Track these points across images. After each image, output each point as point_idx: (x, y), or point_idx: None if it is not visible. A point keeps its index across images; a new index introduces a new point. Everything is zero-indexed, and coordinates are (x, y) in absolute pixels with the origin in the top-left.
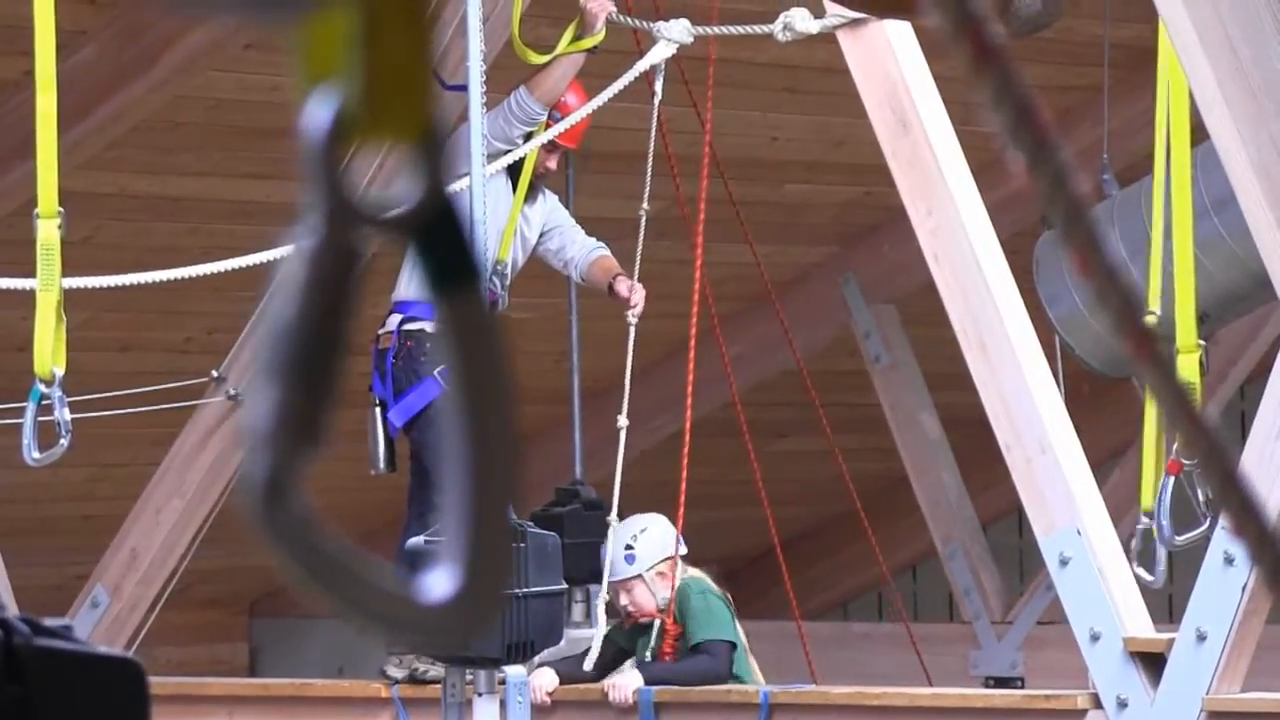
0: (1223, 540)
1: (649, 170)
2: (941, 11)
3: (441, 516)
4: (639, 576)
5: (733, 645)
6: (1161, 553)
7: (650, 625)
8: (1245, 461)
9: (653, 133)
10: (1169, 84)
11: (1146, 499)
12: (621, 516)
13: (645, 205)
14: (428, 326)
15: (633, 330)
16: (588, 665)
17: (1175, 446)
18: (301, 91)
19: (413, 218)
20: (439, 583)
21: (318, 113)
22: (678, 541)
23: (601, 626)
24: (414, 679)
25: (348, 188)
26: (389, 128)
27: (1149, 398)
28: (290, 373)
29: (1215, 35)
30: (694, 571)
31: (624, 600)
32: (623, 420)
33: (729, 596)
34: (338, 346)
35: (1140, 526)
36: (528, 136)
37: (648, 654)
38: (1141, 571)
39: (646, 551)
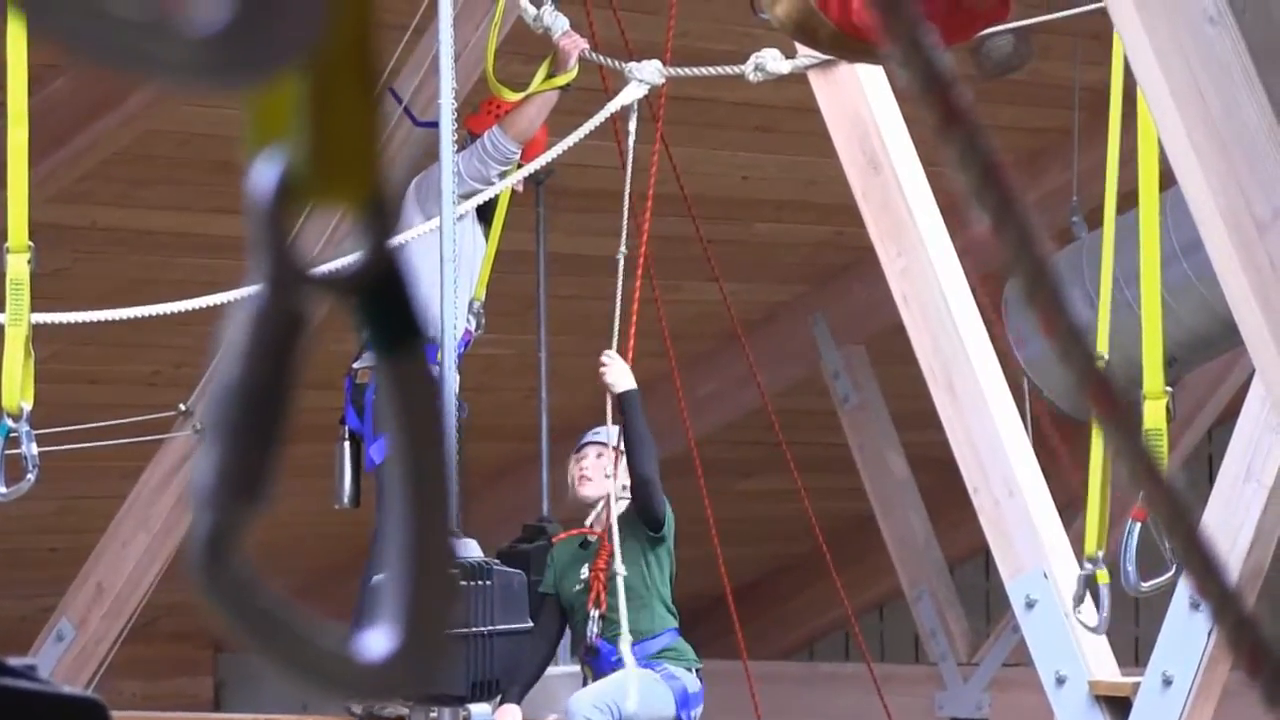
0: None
1: (625, 211)
2: (909, 72)
3: (382, 575)
4: (618, 447)
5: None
6: (1105, 599)
7: (589, 546)
8: (1212, 505)
9: (628, 172)
10: (1117, 127)
11: (1090, 545)
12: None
13: (623, 249)
14: None
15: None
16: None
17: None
18: (249, 153)
19: (358, 280)
20: (378, 640)
21: (264, 175)
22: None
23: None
24: (372, 715)
25: (293, 250)
26: (336, 190)
27: (1096, 444)
28: (234, 433)
29: (1185, 85)
30: None
31: (592, 464)
32: None
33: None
34: (282, 407)
35: (1082, 573)
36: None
37: (584, 571)
38: (1083, 616)
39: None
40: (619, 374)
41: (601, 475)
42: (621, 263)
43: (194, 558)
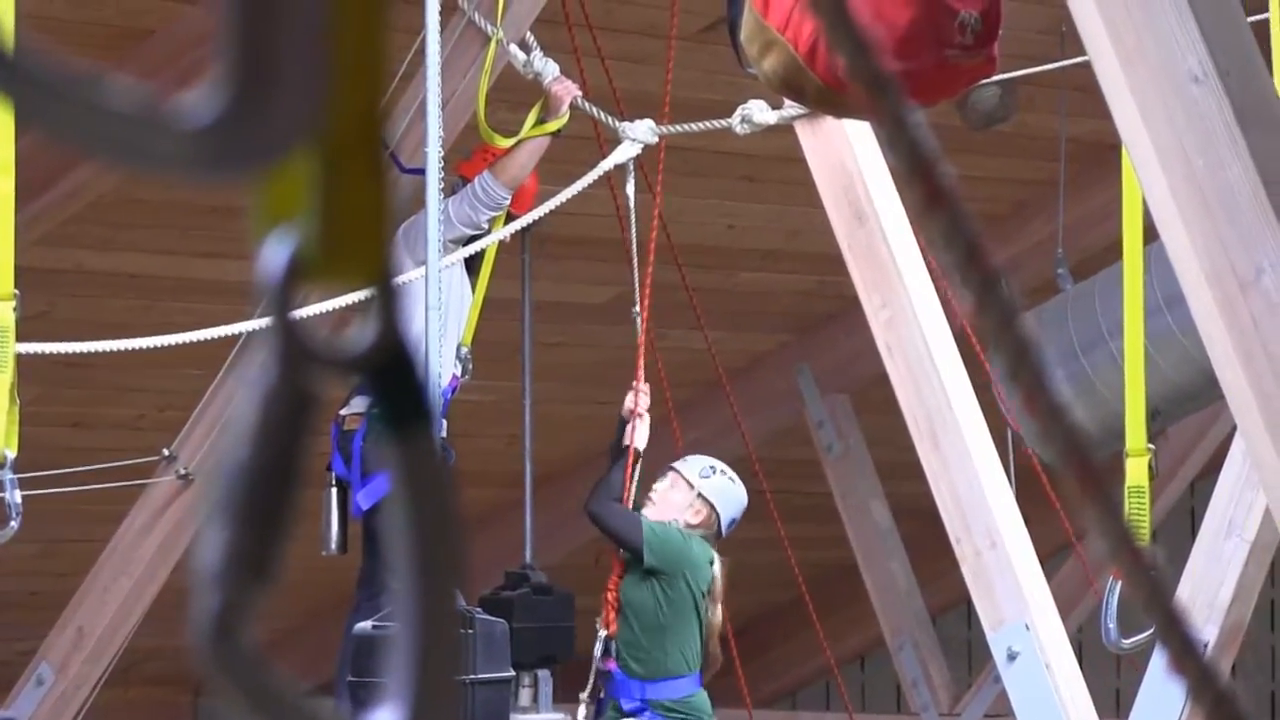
0: None
1: (635, 268)
2: (894, 151)
3: (390, 655)
4: (692, 487)
5: (640, 524)
6: None
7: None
8: (1194, 560)
9: (632, 230)
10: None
11: None
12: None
13: (636, 308)
14: None
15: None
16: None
17: None
18: (258, 233)
19: (367, 360)
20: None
21: (274, 254)
22: (726, 523)
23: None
24: None
25: (302, 329)
26: (345, 270)
27: None
28: (242, 513)
29: (1170, 144)
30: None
31: (660, 487)
32: None
33: (713, 598)
34: (290, 486)
35: None
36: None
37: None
38: None
39: (715, 490)
40: (642, 433)
41: (665, 501)
42: (639, 321)
43: (202, 636)
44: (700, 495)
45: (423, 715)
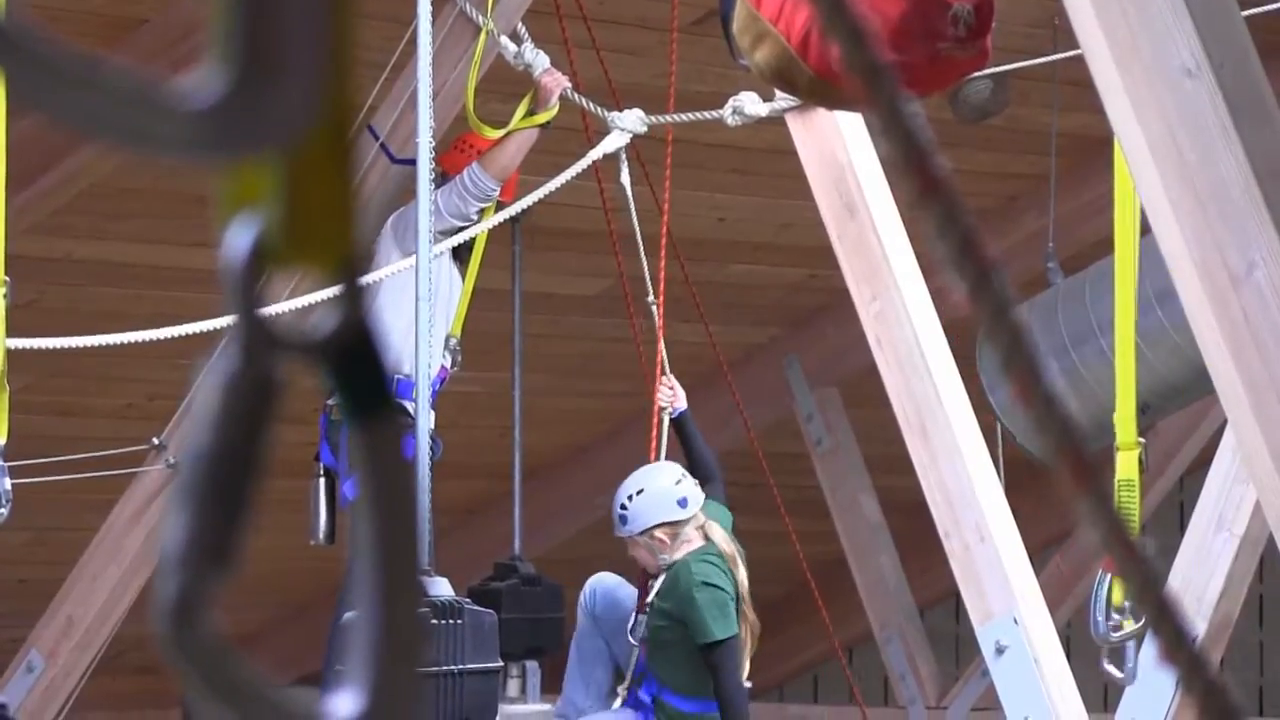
0: None
1: (642, 256)
2: (889, 140)
3: (351, 640)
4: (636, 541)
5: (735, 636)
6: (1130, 650)
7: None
8: (1183, 555)
9: (635, 222)
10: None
11: (1118, 595)
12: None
13: (651, 297)
14: None
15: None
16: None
17: None
18: (222, 218)
19: (330, 345)
20: (344, 705)
21: (238, 239)
22: (682, 504)
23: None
24: None
25: (266, 315)
26: (310, 255)
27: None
28: (204, 498)
29: (1162, 138)
30: (699, 539)
31: (630, 552)
32: None
33: (732, 562)
34: (253, 472)
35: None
36: (480, 212)
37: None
38: (1111, 669)
39: (639, 517)
40: (672, 396)
41: (648, 559)
42: (656, 310)
43: (161, 622)
44: (642, 533)
45: (381, 700)
